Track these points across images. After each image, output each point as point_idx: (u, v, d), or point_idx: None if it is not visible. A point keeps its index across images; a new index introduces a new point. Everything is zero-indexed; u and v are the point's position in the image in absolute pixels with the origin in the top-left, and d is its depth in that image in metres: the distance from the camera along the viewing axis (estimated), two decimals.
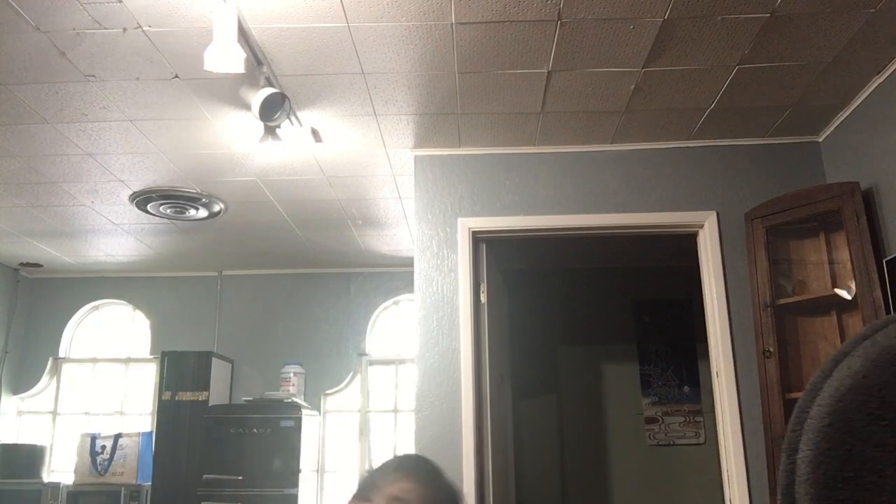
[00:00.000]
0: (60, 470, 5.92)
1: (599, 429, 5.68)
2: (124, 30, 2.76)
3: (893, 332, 0.45)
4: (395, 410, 6.04)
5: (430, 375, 3.58)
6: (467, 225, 3.75)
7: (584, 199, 3.79)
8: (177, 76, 3.10)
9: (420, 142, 3.79)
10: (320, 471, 5.82)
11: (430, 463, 1.41)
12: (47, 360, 6.17)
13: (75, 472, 5.35)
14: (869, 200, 3.25)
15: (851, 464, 0.43)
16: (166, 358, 5.55)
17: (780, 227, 3.47)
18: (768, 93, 3.33)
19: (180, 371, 5.50)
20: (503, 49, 2.95)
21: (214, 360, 5.63)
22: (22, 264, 5.99)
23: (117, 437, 5.38)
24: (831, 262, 3.41)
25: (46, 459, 5.78)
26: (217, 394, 5.62)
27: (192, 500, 5.15)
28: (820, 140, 3.77)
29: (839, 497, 0.43)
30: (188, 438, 5.36)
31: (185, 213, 4.70)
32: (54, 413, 6.15)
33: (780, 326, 3.37)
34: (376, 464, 1.40)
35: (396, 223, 5.05)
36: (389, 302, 6.19)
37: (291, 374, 5.73)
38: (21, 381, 6.12)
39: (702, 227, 3.72)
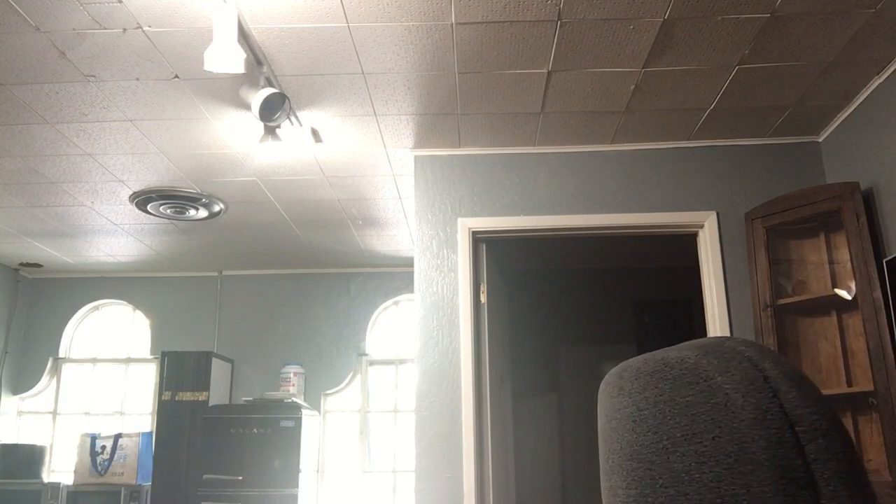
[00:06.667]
0: (60, 470, 5.92)
1: None
2: (124, 30, 2.76)
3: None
4: (395, 410, 6.04)
5: (430, 375, 3.58)
6: (467, 225, 3.75)
7: (584, 199, 3.79)
8: (177, 76, 3.11)
9: (420, 142, 3.79)
10: (320, 471, 5.82)
11: None
12: (47, 360, 6.17)
13: (75, 472, 5.35)
14: (869, 200, 3.25)
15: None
16: (166, 358, 5.55)
17: (780, 227, 3.47)
18: (768, 93, 3.33)
19: (180, 371, 5.50)
20: (503, 49, 2.95)
21: (214, 360, 5.63)
22: (22, 264, 6.00)
23: (117, 437, 5.39)
24: (831, 262, 3.41)
25: (46, 459, 5.78)
26: (217, 394, 5.62)
27: (192, 500, 5.15)
28: (820, 140, 3.77)
29: None
30: (188, 438, 5.36)
31: (185, 213, 4.70)
32: (54, 413, 6.15)
33: (780, 326, 3.37)
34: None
35: (396, 223, 5.05)
36: (389, 302, 6.19)
37: (291, 374, 5.74)
38: (21, 381, 6.12)
39: (702, 227, 3.72)
